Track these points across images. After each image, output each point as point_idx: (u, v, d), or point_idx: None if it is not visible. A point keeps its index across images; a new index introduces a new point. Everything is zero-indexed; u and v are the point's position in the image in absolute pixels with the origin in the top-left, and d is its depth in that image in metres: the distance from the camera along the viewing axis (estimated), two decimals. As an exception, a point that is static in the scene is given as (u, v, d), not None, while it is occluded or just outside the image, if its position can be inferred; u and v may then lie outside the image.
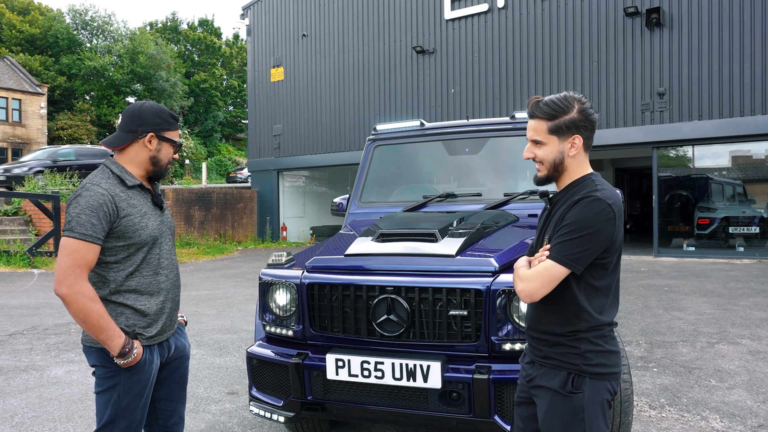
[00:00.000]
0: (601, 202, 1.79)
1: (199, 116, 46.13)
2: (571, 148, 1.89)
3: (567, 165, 1.91)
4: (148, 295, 2.20)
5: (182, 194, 18.38)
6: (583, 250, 1.77)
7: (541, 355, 1.93)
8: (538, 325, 1.94)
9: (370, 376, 2.81)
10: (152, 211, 2.24)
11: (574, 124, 1.88)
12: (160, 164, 2.27)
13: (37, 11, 43.18)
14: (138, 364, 2.15)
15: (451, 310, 2.78)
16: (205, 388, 4.64)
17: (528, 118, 1.96)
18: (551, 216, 1.95)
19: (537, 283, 1.80)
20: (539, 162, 1.94)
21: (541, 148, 1.91)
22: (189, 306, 8.12)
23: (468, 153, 4.47)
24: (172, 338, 2.36)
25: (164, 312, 2.26)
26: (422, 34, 17.57)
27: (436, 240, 3.05)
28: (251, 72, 21.91)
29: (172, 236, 2.38)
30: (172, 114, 2.29)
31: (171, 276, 2.31)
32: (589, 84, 14.80)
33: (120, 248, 2.13)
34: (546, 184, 1.99)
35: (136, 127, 2.20)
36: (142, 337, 2.17)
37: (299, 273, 3.14)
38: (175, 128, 2.28)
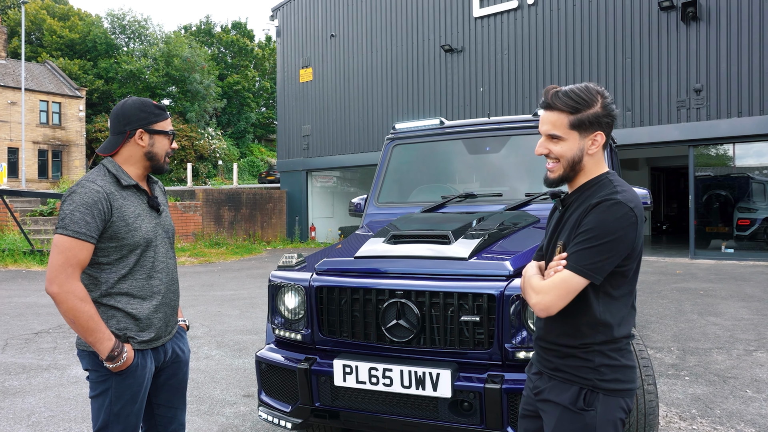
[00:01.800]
0: (622, 206, 1.63)
1: (232, 118, 46.71)
2: (591, 146, 1.72)
3: (584, 164, 1.74)
4: (140, 298, 2.13)
5: (212, 195, 18.57)
6: (603, 258, 1.61)
7: (551, 366, 1.78)
8: (547, 334, 1.80)
9: (378, 383, 2.71)
10: (147, 213, 2.18)
11: (597, 119, 1.70)
12: (157, 158, 2.20)
13: (77, 17, 44.34)
14: (129, 368, 2.08)
15: (462, 315, 2.66)
16: (221, 390, 4.60)
17: (543, 109, 1.76)
18: (564, 219, 1.79)
19: (553, 295, 1.64)
20: (554, 159, 1.75)
21: (559, 143, 1.72)
22: (213, 306, 8.14)
23: (489, 152, 4.33)
24: (169, 343, 2.29)
25: (158, 316, 2.19)
26: (450, 32, 17.39)
27: (449, 242, 2.93)
28: (280, 73, 22.04)
29: (170, 239, 2.31)
30: (157, 105, 2.21)
31: (166, 280, 2.23)
32: (622, 81, 14.42)
33: (112, 249, 2.07)
34: (558, 186, 1.81)
35: (123, 127, 2.15)
36: (134, 341, 2.12)
37: (308, 275, 3.06)
38: (163, 118, 2.20)
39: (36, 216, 15.22)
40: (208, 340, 6.18)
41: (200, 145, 38.68)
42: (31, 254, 12.63)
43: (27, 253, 12.65)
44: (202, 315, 7.51)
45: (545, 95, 1.75)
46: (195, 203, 17.70)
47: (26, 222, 14.49)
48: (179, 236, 16.92)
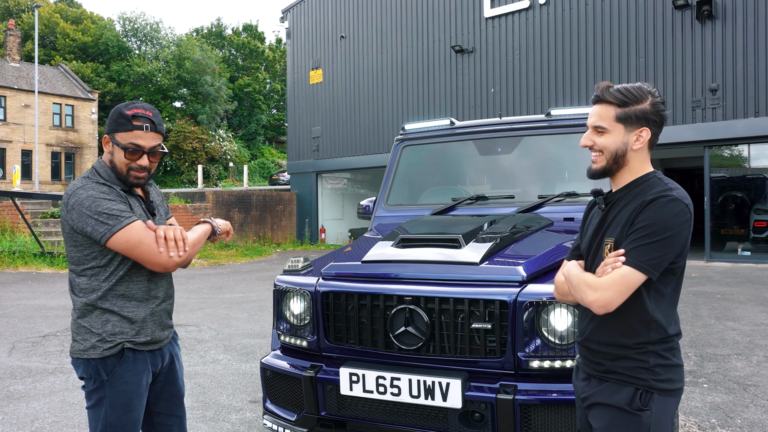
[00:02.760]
0: (678, 203, 1.65)
1: (243, 120, 46.84)
2: (636, 141, 1.74)
3: (629, 159, 1.75)
4: (137, 301, 2.08)
5: (222, 196, 18.57)
6: (662, 254, 1.62)
7: (602, 369, 1.75)
8: (597, 335, 1.77)
9: (385, 392, 2.61)
10: (142, 216, 2.11)
11: (645, 115, 1.73)
12: (117, 169, 2.06)
13: (89, 20, 44.67)
14: (119, 376, 2.03)
15: (473, 322, 2.56)
16: (228, 395, 4.52)
17: (593, 103, 1.79)
18: (610, 217, 1.78)
19: (614, 292, 1.62)
20: (598, 151, 1.77)
21: (604, 135, 1.75)
22: (221, 309, 8.08)
23: (500, 153, 4.22)
24: (167, 348, 2.23)
25: (154, 319, 2.13)
26: (461, 33, 17.27)
27: (460, 246, 2.83)
28: (290, 74, 22.03)
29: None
30: (125, 114, 2.01)
31: (163, 284, 2.18)
32: (636, 80, 14.19)
33: (108, 251, 2.01)
34: (601, 178, 1.81)
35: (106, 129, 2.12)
36: (128, 343, 2.05)
37: (314, 280, 2.97)
38: (124, 129, 2.01)
39: (47, 218, 15.28)
40: (215, 344, 6.11)
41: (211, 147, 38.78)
42: (42, 256, 12.67)
43: (37, 255, 12.69)
44: (210, 318, 7.45)
45: (597, 89, 1.78)
46: (205, 205, 17.70)
47: (37, 224, 14.55)
48: (189, 238, 16.92)
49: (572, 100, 15.11)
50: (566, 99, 15.26)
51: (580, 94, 15.06)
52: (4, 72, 34.70)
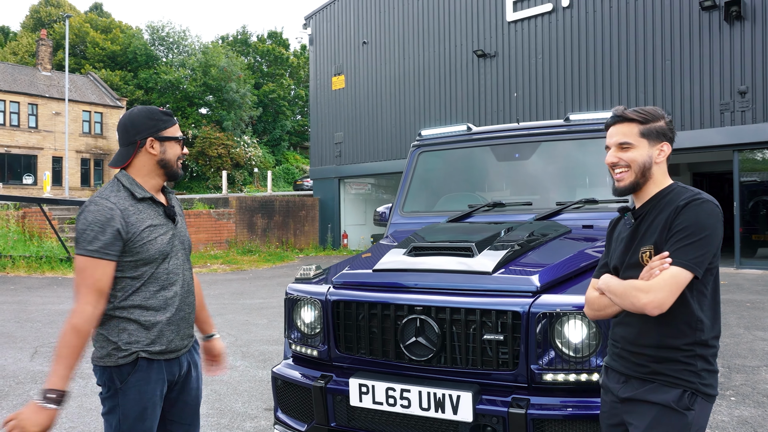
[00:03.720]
0: (710, 203, 1.76)
1: (268, 125, 47.24)
2: (659, 155, 1.86)
3: (653, 172, 1.87)
4: (154, 310, 2.08)
5: (245, 202, 18.71)
6: (703, 252, 1.72)
7: (647, 371, 1.81)
8: (642, 339, 1.83)
9: (395, 404, 2.56)
10: (164, 225, 2.13)
11: (663, 131, 1.87)
12: (170, 165, 2.15)
13: (118, 29, 45.58)
14: (132, 385, 2.01)
15: (485, 333, 2.49)
16: (243, 402, 4.51)
17: (611, 124, 1.91)
18: (642, 229, 1.86)
19: (666, 292, 1.69)
20: (625, 166, 1.86)
21: (630, 150, 1.86)
22: (241, 315, 8.11)
23: (518, 159, 4.14)
24: (185, 356, 2.21)
25: (171, 329, 2.12)
26: (483, 37, 17.17)
27: (473, 254, 2.77)
28: (313, 81, 22.15)
29: (186, 250, 2.26)
30: (164, 111, 2.15)
31: (182, 292, 2.17)
32: (662, 84, 13.96)
33: (127, 264, 2.03)
34: (630, 194, 1.90)
35: (134, 137, 2.11)
36: (145, 352, 2.05)
37: (325, 289, 2.94)
38: (171, 124, 2.15)
39: (74, 224, 15.55)
40: (233, 350, 6.12)
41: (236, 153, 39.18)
42: (68, 261, 12.89)
43: (63, 260, 12.91)
44: (229, 324, 7.47)
45: (616, 111, 1.91)
46: (228, 211, 17.85)
47: (64, 229, 14.82)
48: (213, 243, 17.07)
49: (596, 104, 14.89)
50: (590, 103, 15.05)
51: (605, 99, 14.84)
52: (36, 81, 35.57)
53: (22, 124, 33.20)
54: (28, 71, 36.54)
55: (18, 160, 32.99)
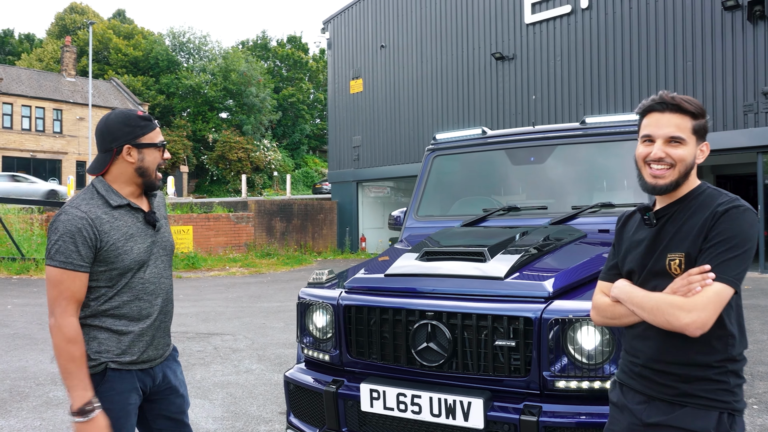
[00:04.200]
0: (751, 212, 1.60)
1: (287, 129, 47.55)
2: (700, 154, 1.70)
3: (691, 173, 1.69)
4: (127, 320, 2.01)
5: (264, 206, 18.84)
6: (745, 267, 1.57)
7: (676, 392, 1.62)
8: (666, 356, 1.64)
9: (406, 410, 2.55)
10: (141, 233, 2.06)
11: (706, 129, 1.70)
12: (148, 173, 2.06)
13: (140, 35, 46.26)
14: (102, 395, 1.93)
15: (497, 339, 2.47)
16: (258, 406, 4.53)
17: (659, 110, 1.67)
18: (669, 232, 1.67)
19: (710, 311, 1.52)
20: (668, 165, 1.65)
21: (680, 147, 1.64)
22: (258, 318, 8.15)
23: (533, 162, 4.11)
24: (159, 367, 2.13)
25: (144, 339, 2.05)
26: (501, 40, 17.09)
27: (485, 259, 2.74)
28: (331, 84, 22.24)
29: (168, 257, 2.18)
30: (143, 116, 2.06)
31: (158, 302, 2.10)
32: (683, 85, 13.76)
33: (101, 273, 1.97)
34: (668, 193, 1.69)
35: (110, 144, 2.02)
36: (115, 363, 1.98)
37: (337, 293, 2.94)
38: (150, 129, 2.05)
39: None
40: (249, 353, 6.15)
41: (256, 157, 39.49)
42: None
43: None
44: (246, 327, 7.52)
45: (666, 98, 1.67)
46: (247, 214, 17.98)
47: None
48: (231, 247, 17.20)
49: (615, 107, 14.73)
50: (609, 106, 14.89)
51: (624, 101, 14.67)
52: (61, 87, 36.24)
53: (47, 129, 33.85)
54: (53, 77, 37.25)
55: (43, 164, 33.63)
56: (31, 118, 33.24)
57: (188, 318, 8.16)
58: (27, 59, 44.82)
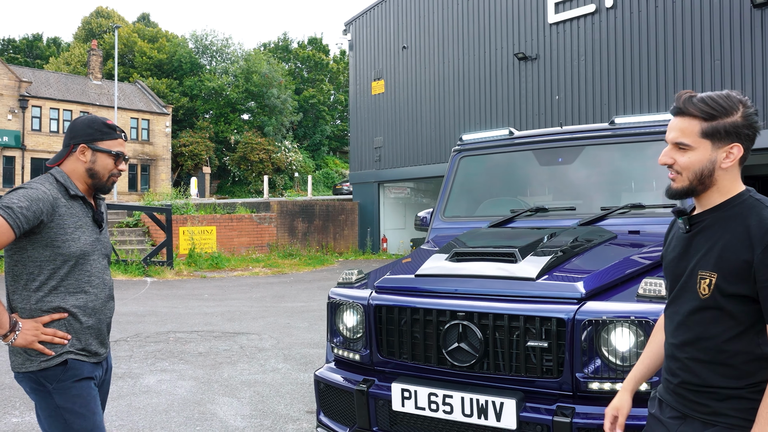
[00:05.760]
0: None
1: (308, 131, 47.81)
2: (725, 159, 1.53)
3: (716, 179, 1.55)
4: (72, 316, 2.09)
5: (286, 206, 18.96)
6: None
7: (708, 411, 1.55)
8: (697, 377, 1.58)
9: (437, 410, 2.56)
10: (89, 227, 2.15)
11: (736, 130, 1.52)
12: (98, 177, 2.16)
13: (164, 39, 46.90)
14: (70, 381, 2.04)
15: (529, 340, 2.47)
16: (286, 405, 4.57)
17: (673, 115, 1.59)
18: (700, 244, 1.57)
19: None
20: (677, 171, 1.57)
21: (686, 153, 1.55)
22: (282, 318, 8.22)
23: (561, 163, 4.09)
24: (105, 362, 2.26)
25: (91, 332, 2.13)
26: (524, 40, 16.99)
27: (516, 260, 2.74)
28: (353, 86, 22.31)
29: (107, 258, 2.27)
30: (108, 124, 2.18)
31: (101, 296, 2.18)
32: (711, 85, 13.54)
33: (46, 258, 2.03)
34: (682, 198, 1.62)
35: (69, 140, 2.16)
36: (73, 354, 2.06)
37: (367, 293, 2.96)
38: (111, 138, 2.17)
39: (122, 227, 16.05)
40: (275, 352, 6.21)
41: (277, 158, 39.77)
42: (116, 263, 13.29)
43: (113, 263, 13.32)
44: (271, 327, 7.58)
45: (677, 100, 1.59)
46: (270, 215, 18.11)
47: (113, 233, 15.29)
48: (254, 247, 17.35)
49: (641, 107, 14.55)
50: (635, 106, 14.71)
51: (650, 101, 14.49)
52: (88, 90, 36.88)
53: (74, 131, 34.43)
54: (80, 80, 37.93)
55: (70, 165, 34.23)
56: (59, 121, 33.89)
57: (214, 317, 8.26)
58: (55, 63, 45.70)
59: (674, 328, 1.63)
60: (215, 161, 41.33)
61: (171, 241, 13.65)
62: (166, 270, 13.27)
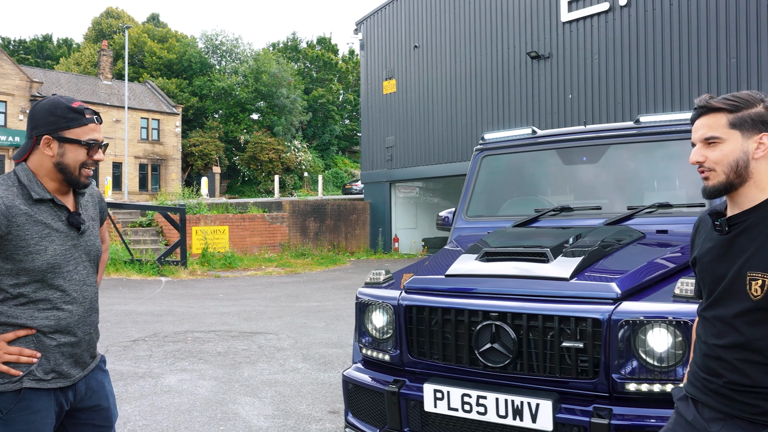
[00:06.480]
0: None
1: (317, 130, 47.90)
2: (757, 149, 1.52)
3: (753, 171, 1.52)
4: (41, 333, 1.80)
5: (298, 206, 19.00)
6: None
7: (757, 411, 1.52)
8: (745, 378, 1.54)
9: (471, 411, 2.54)
10: (60, 233, 1.83)
11: (762, 119, 1.52)
12: (68, 170, 1.83)
13: (174, 39, 47.10)
14: (18, 413, 1.76)
15: (564, 341, 2.45)
16: (308, 405, 4.57)
17: (696, 117, 1.59)
18: (747, 245, 1.53)
19: None
20: (709, 168, 1.56)
21: (717, 147, 1.54)
22: (299, 318, 8.23)
23: (585, 162, 4.06)
24: (83, 381, 1.92)
25: (63, 352, 1.83)
26: (537, 38, 16.93)
27: (548, 260, 2.72)
28: (364, 85, 22.32)
29: (91, 262, 1.94)
30: (74, 107, 1.82)
31: (79, 312, 1.86)
32: (727, 83, 13.43)
33: (7, 273, 1.75)
34: (721, 196, 1.58)
35: (31, 131, 1.83)
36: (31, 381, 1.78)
37: (397, 294, 2.95)
38: (78, 124, 1.81)
39: (136, 227, 16.13)
40: (294, 352, 6.21)
41: (287, 158, 39.88)
42: (131, 263, 13.36)
43: (127, 263, 13.39)
44: (288, 326, 7.59)
45: (699, 101, 1.59)
46: (282, 214, 18.15)
47: (127, 233, 15.38)
48: (266, 247, 17.39)
49: (656, 105, 14.46)
50: (649, 105, 14.62)
51: (665, 100, 14.40)
52: (98, 90, 37.11)
53: (85, 132, 34.65)
54: (90, 81, 38.18)
55: (81, 165, 34.44)
56: (70, 121, 34.06)
57: (230, 317, 8.28)
58: (65, 63, 46.02)
59: (718, 332, 1.58)
60: (225, 161, 41.48)
61: (185, 240, 13.71)
62: (180, 269, 13.32)
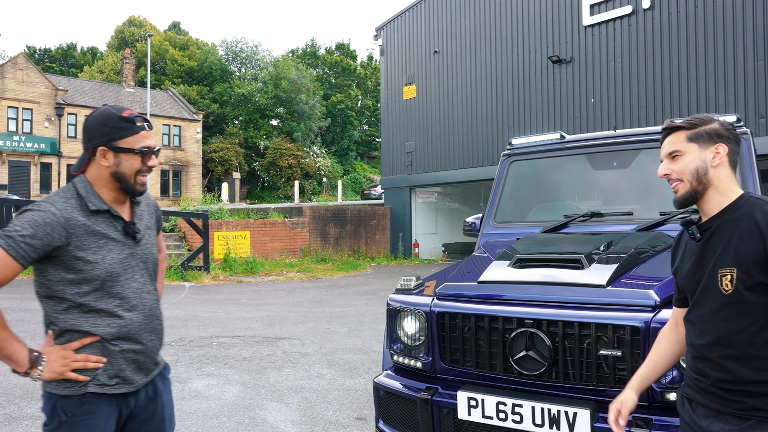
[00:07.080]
0: None
1: (336, 136, 48.06)
2: (714, 158, 1.71)
3: (712, 178, 1.71)
4: (105, 340, 1.86)
5: (318, 211, 19.05)
6: None
7: (743, 407, 1.63)
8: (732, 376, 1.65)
9: (506, 419, 2.52)
10: (117, 242, 1.89)
11: (716, 132, 1.74)
12: (125, 179, 1.88)
13: (195, 46, 47.64)
14: (81, 418, 1.82)
15: (601, 349, 2.41)
16: (334, 410, 4.56)
17: (663, 138, 1.81)
18: (716, 246, 1.68)
19: None
20: (677, 179, 1.75)
21: (679, 159, 1.74)
22: (322, 323, 8.23)
23: (616, 167, 4.01)
24: (144, 389, 1.98)
25: (125, 357, 1.88)
26: (558, 42, 16.82)
27: (582, 267, 2.69)
28: (384, 91, 22.35)
29: (148, 270, 1.99)
30: (125, 117, 1.88)
31: (138, 318, 1.91)
32: (755, 86, 13.21)
33: (69, 282, 1.81)
34: (690, 204, 1.76)
35: (87, 143, 1.89)
36: (95, 386, 1.84)
37: (429, 300, 2.93)
38: (130, 133, 1.87)
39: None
40: (318, 358, 6.22)
41: (306, 164, 40.07)
42: (155, 268, 13.50)
43: (151, 268, 13.53)
44: (312, 332, 7.60)
45: (664, 125, 1.82)
46: (302, 220, 18.22)
47: (151, 238, 15.54)
48: (287, 252, 17.46)
49: (681, 110, 14.27)
50: (674, 110, 14.43)
51: (690, 104, 14.20)
52: (121, 97, 37.65)
53: (109, 138, 35.14)
54: (113, 88, 38.75)
55: (104, 172, 34.93)
56: (94, 128, 34.57)
57: (254, 322, 8.32)
58: (89, 71, 46.80)
59: (700, 331, 1.71)
60: (245, 167, 41.80)
61: (207, 246, 13.82)
62: (203, 275, 13.43)
